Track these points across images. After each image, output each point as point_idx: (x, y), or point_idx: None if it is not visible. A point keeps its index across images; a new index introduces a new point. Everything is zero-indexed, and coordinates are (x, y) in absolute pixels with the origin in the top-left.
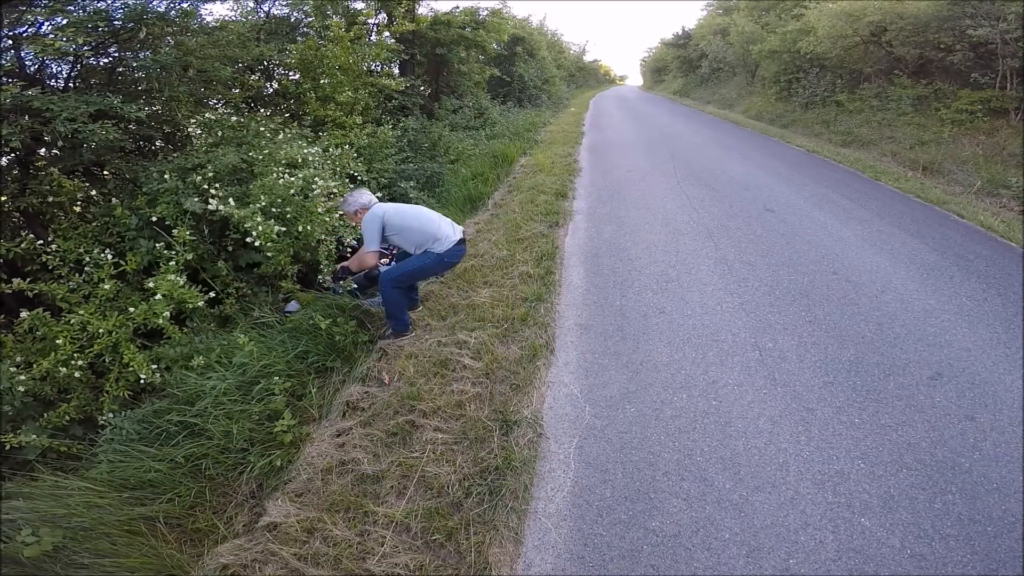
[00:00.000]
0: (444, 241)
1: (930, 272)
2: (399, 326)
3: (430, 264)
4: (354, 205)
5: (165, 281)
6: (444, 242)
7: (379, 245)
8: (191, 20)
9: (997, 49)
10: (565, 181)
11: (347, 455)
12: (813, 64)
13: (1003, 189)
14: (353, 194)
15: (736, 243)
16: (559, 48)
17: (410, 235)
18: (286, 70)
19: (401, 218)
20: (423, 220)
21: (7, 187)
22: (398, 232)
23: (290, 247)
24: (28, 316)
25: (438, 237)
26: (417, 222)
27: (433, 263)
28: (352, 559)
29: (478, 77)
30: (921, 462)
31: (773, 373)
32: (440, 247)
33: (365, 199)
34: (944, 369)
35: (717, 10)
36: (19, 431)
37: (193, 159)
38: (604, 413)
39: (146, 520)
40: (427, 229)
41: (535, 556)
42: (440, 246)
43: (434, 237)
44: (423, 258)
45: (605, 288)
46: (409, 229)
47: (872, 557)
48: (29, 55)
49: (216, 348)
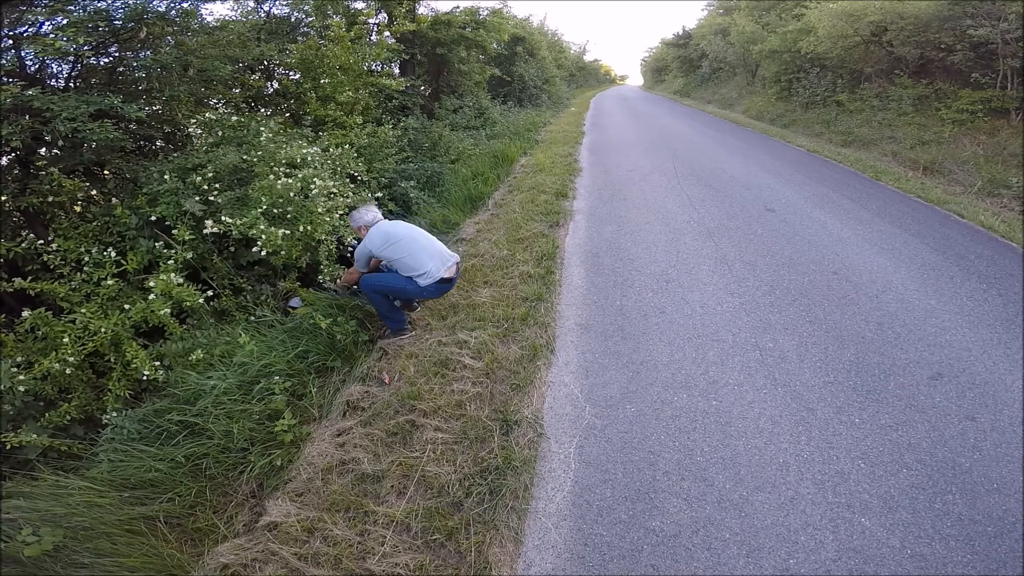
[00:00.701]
0: (427, 276)
1: (931, 272)
2: (395, 325)
3: (411, 289)
4: (359, 222)
5: (161, 280)
6: (427, 277)
7: (365, 269)
8: (191, 20)
9: (998, 49)
10: (565, 181)
11: (347, 455)
12: (814, 64)
13: (1004, 189)
14: (360, 210)
15: (737, 243)
16: (559, 48)
17: (399, 266)
18: (286, 70)
19: (394, 251)
20: (415, 257)
21: (8, 187)
22: (388, 261)
23: (294, 247)
24: (30, 315)
25: (425, 271)
26: (411, 259)
27: (413, 290)
28: (352, 559)
29: (478, 77)
30: (921, 462)
31: (773, 373)
32: (424, 280)
33: (369, 217)
34: (944, 369)
35: (718, 10)
36: (20, 430)
37: (193, 159)
38: (604, 413)
39: (146, 519)
40: (415, 265)
41: (535, 556)
42: (424, 280)
43: (421, 271)
44: (406, 282)
45: (605, 288)
46: (399, 262)
47: (872, 557)
48: (30, 55)
49: (219, 344)
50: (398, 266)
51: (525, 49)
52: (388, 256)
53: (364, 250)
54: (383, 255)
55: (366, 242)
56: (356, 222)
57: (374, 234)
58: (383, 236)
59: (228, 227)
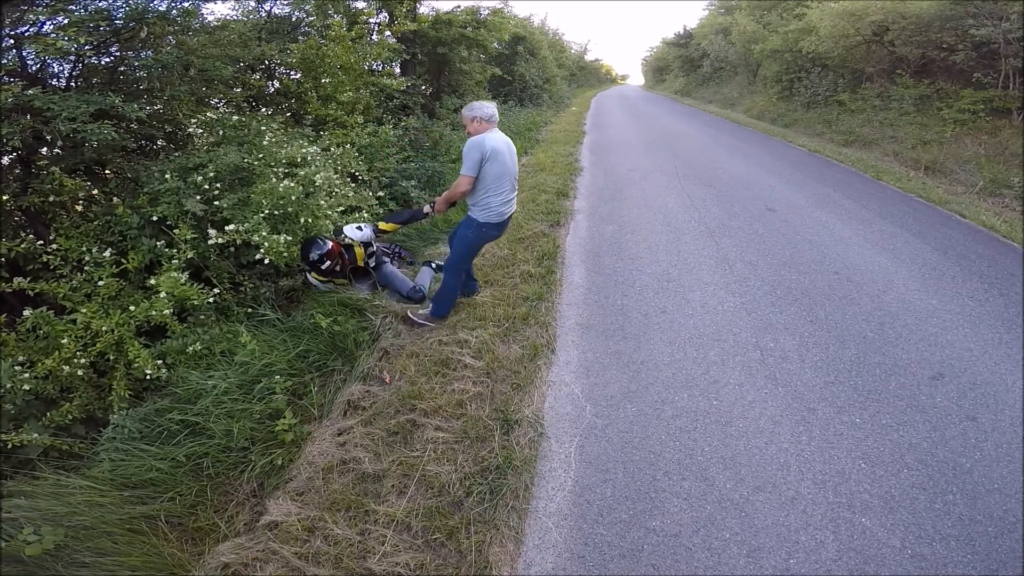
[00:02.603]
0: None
1: (932, 272)
2: (443, 309)
3: (480, 237)
4: (476, 112)
5: (167, 279)
6: (510, 205)
7: (476, 175)
8: (192, 19)
9: (1000, 49)
10: (566, 180)
11: (348, 454)
12: (815, 64)
13: (1005, 189)
14: (481, 103)
15: (737, 242)
16: (560, 47)
17: (483, 188)
18: (287, 69)
19: (493, 168)
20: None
21: (9, 186)
22: (482, 179)
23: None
24: (32, 315)
25: (509, 199)
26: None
27: (483, 237)
28: (353, 558)
29: (479, 76)
30: (922, 462)
31: (774, 373)
32: (502, 210)
33: (488, 112)
34: (945, 369)
35: (719, 9)
36: (21, 430)
37: (194, 159)
38: (605, 412)
39: (147, 519)
40: (499, 190)
41: (536, 555)
42: (500, 211)
43: (506, 200)
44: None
45: (606, 287)
46: (487, 186)
47: (873, 557)
48: (31, 54)
49: (220, 342)
50: (482, 189)
51: (526, 48)
52: (486, 171)
53: (481, 146)
54: (484, 169)
55: (484, 140)
56: (474, 111)
57: (488, 141)
58: (493, 147)
59: (232, 236)
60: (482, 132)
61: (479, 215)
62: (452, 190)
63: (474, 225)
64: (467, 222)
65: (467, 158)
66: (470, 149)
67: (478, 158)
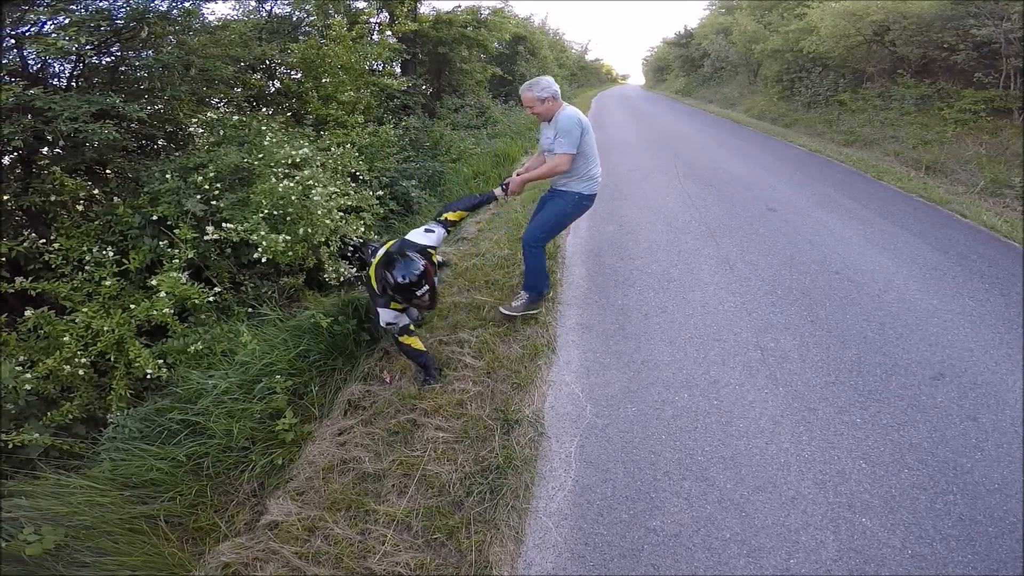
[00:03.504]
0: (597, 180)
1: (932, 272)
2: (541, 287)
3: (575, 211)
4: (548, 90)
5: (168, 278)
6: (596, 181)
7: (576, 151)
8: (193, 19)
9: (1001, 49)
10: None
11: (348, 454)
12: (816, 63)
13: (1006, 189)
14: (545, 79)
15: (738, 242)
16: (561, 47)
17: (582, 162)
18: (288, 69)
19: (589, 142)
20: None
21: (10, 186)
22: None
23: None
24: (33, 315)
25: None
26: (592, 154)
27: (578, 210)
28: (353, 558)
29: (480, 76)
30: (923, 462)
31: (775, 373)
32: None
33: (557, 89)
34: (946, 369)
35: (719, 9)
36: (22, 429)
37: (195, 158)
38: (605, 412)
39: (148, 518)
40: (594, 161)
41: (536, 555)
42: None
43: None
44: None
45: (606, 287)
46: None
47: (873, 557)
48: (32, 54)
49: (223, 341)
50: (583, 162)
51: (526, 48)
52: (585, 143)
53: (581, 122)
54: (584, 141)
55: (579, 115)
56: (545, 90)
57: (581, 116)
58: (585, 120)
59: (229, 233)
60: (555, 110)
61: (582, 187)
62: (551, 169)
63: (575, 199)
64: (567, 197)
65: (568, 135)
66: (570, 126)
67: (579, 134)
